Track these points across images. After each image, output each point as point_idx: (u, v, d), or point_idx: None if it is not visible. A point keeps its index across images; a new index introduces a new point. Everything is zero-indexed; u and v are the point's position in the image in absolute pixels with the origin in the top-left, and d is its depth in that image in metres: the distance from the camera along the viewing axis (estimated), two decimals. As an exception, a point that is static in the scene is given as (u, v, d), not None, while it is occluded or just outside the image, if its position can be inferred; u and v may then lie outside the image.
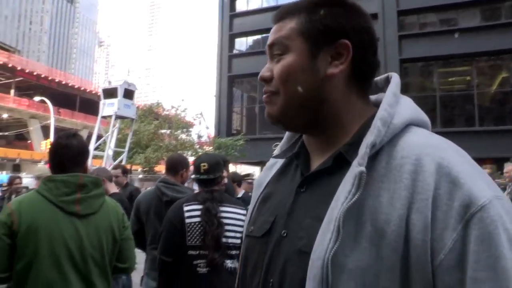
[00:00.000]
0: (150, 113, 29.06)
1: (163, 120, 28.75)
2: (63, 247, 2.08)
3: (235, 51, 29.09)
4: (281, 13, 0.97)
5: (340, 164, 0.87)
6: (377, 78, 1.00)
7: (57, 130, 31.01)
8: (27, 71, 44.40)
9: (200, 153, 27.35)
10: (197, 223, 2.73)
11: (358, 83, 0.94)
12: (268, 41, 0.97)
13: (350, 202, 0.77)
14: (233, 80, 28.49)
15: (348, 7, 0.93)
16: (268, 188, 1.07)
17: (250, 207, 1.09)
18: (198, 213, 2.76)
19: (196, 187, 4.26)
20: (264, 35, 28.28)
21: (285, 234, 0.89)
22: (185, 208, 2.79)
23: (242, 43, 29.50)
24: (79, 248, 2.12)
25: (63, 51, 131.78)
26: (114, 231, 2.30)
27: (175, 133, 28.94)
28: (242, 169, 36.10)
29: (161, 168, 33.21)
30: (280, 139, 1.15)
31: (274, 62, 0.95)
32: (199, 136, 33.27)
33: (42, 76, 46.07)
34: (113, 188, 4.46)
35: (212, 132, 32.53)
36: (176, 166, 3.78)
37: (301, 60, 0.91)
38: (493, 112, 22.15)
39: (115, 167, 4.92)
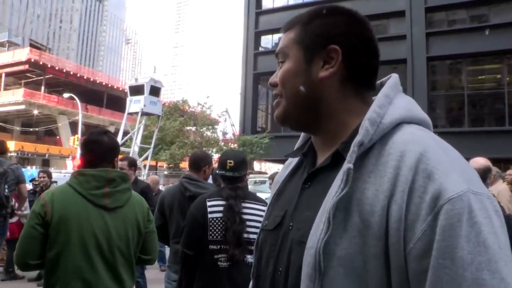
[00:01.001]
0: (176, 110, 29.34)
1: (189, 117, 28.98)
2: (92, 237, 2.20)
3: (260, 49, 29.11)
4: (286, 25, 1.09)
5: (339, 161, 0.93)
6: (384, 79, 1.06)
7: (85, 126, 31.61)
8: (57, 68, 45.29)
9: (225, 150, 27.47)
10: (219, 219, 2.78)
11: (355, 84, 1.01)
12: (276, 51, 1.09)
13: (339, 196, 0.84)
14: (259, 78, 28.53)
15: (340, 15, 1.02)
16: (282, 185, 1.16)
17: (268, 202, 1.19)
18: (220, 208, 2.80)
19: (211, 181, 4.32)
20: (289, 32, 28.18)
21: (291, 227, 0.98)
22: (208, 204, 2.83)
23: (268, 41, 29.51)
24: (107, 239, 2.24)
25: (91, 49, 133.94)
26: (140, 224, 2.42)
27: (201, 130, 29.14)
28: (266, 166, 36.07)
29: (186, 165, 33.48)
30: None
31: (279, 69, 1.06)
32: (224, 133, 33.44)
33: (71, 73, 46.92)
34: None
35: (237, 129, 32.63)
36: (199, 162, 3.85)
37: (297, 66, 1.01)
38: (524, 111, 21.59)
39: (121, 159, 4.66)
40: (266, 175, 23.35)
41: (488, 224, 0.75)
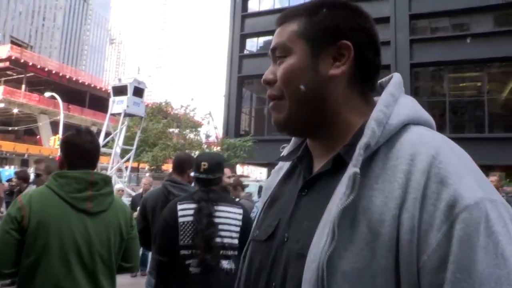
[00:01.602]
0: (159, 112, 29.19)
1: (172, 119, 28.84)
2: (72, 243, 2.07)
3: (245, 52, 29.11)
4: (283, 16, 0.99)
5: (340, 166, 0.86)
6: (383, 79, 1.00)
7: (66, 126, 31.21)
8: (38, 66, 44.71)
9: (207, 153, 27.41)
10: (189, 222, 2.71)
11: (360, 84, 0.94)
12: (271, 45, 0.98)
13: (344, 204, 0.76)
14: (243, 81, 28.51)
15: (347, 8, 0.94)
16: (274, 192, 1.07)
17: (258, 210, 1.10)
18: (191, 212, 2.74)
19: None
20: (274, 36, 28.26)
21: (286, 238, 0.90)
22: (179, 207, 2.76)
23: (253, 44, 29.53)
24: (88, 245, 2.12)
25: (74, 48, 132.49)
26: (122, 229, 2.30)
27: (184, 132, 29.02)
28: (249, 170, 36.10)
29: (168, 167, 33.28)
30: (289, 141, 1.16)
31: (276, 65, 0.96)
32: (207, 136, 33.36)
33: (53, 72, 46.36)
34: None
35: (220, 132, 32.56)
36: (183, 165, 3.77)
37: (303, 61, 0.92)
38: (503, 119, 21.97)
39: (36, 161, 3.85)
40: (249, 178, 23.39)
41: (506, 234, 0.70)
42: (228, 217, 2.79)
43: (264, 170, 28.90)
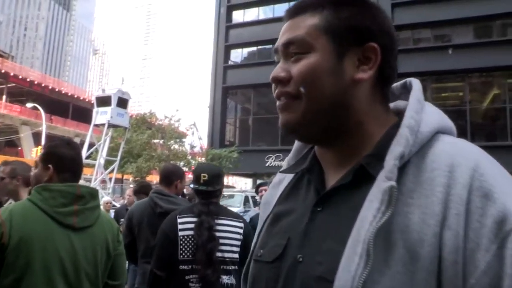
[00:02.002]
0: (143, 123, 29.00)
1: (156, 130, 28.67)
2: (57, 262, 1.93)
3: (230, 62, 29.17)
4: (299, 7, 0.87)
5: (361, 178, 0.78)
6: (396, 84, 0.94)
7: (49, 137, 30.83)
8: (20, 77, 44.13)
9: (192, 164, 27.33)
10: (190, 236, 2.62)
11: (381, 90, 0.87)
12: (282, 39, 0.86)
13: (380, 221, 0.68)
14: (227, 91, 28.56)
15: (373, 7, 0.87)
16: (278, 207, 0.96)
17: (258, 228, 1.00)
18: (191, 225, 2.65)
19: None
20: (259, 46, 28.44)
21: (300, 259, 0.80)
22: (179, 220, 2.67)
23: (238, 55, 29.63)
24: (73, 263, 1.99)
25: (57, 58, 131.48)
26: (109, 245, 2.18)
27: (168, 143, 28.86)
28: (234, 180, 36.00)
29: (152, 178, 33.03)
30: (274, 151, 1.10)
31: (290, 62, 0.85)
32: (192, 147, 33.23)
33: (35, 82, 45.81)
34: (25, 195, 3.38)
35: (205, 143, 32.48)
36: (170, 176, 3.65)
37: (327, 61, 0.82)
38: (485, 128, 22.35)
39: (3, 163, 3.06)
40: (234, 189, 23.35)
41: None
42: (229, 230, 2.71)
43: (249, 181, 28.86)
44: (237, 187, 32.53)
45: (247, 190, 20.56)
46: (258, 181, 25.68)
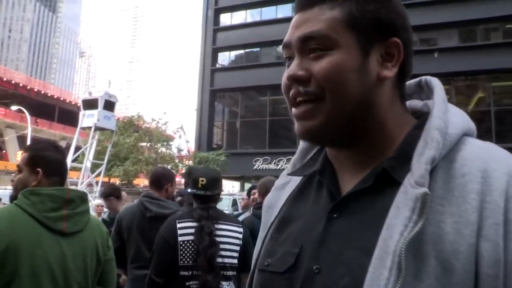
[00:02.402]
0: (131, 126, 28.85)
1: (143, 133, 28.53)
2: (46, 269, 1.85)
3: (218, 65, 29.16)
4: None
5: (383, 183, 0.72)
6: (410, 82, 0.89)
7: (34, 140, 30.53)
8: (4, 79, 43.69)
9: (180, 167, 27.24)
10: (190, 242, 2.56)
11: (399, 89, 0.81)
12: (298, 33, 0.78)
13: (412, 231, 0.62)
14: (215, 94, 28.52)
15: (396, 2, 0.80)
16: (284, 211, 0.88)
17: (261, 234, 0.92)
18: (191, 231, 2.59)
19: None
20: (247, 49, 28.47)
21: (317, 270, 0.73)
22: (179, 225, 2.61)
23: (225, 57, 29.62)
24: (63, 270, 1.91)
25: (43, 61, 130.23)
26: (99, 251, 2.11)
27: (155, 146, 28.74)
28: (222, 183, 36.02)
29: (139, 181, 32.85)
30: (262, 154, 1.05)
31: (308, 59, 0.76)
32: (179, 150, 33.14)
33: (20, 85, 45.39)
34: None
35: (192, 146, 32.41)
36: (160, 180, 3.59)
37: (353, 59, 0.75)
38: (470, 132, 22.59)
39: None
40: (222, 192, 23.26)
41: None
42: (229, 235, 2.68)
43: (236, 184, 28.85)
44: (225, 190, 32.49)
45: (235, 193, 20.54)
46: (246, 184, 25.68)
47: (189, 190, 2.83)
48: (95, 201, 8.70)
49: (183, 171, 27.34)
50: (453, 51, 22.17)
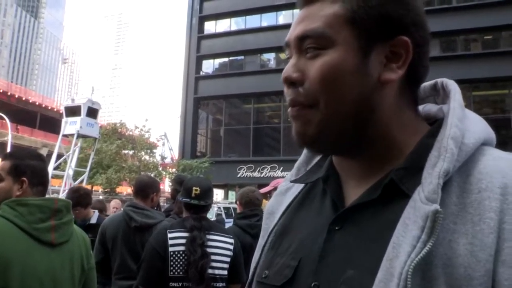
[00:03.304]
0: (114, 133, 28.62)
1: (127, 140, 28.33)
2: (36, 282, 1.79)
3: (202, 73, 29.16)
4: None
5: (390, 195, 0.66)
6: (425, 84, 0.81)
7: (15, 147, 30.08)
8: (-15, 86, 43.05)
9: (163, 175, 27.09)
10: (181, 252, 2.51)
11: (410, 92, 0.74)
12: (296, 31, 0.72)
13: (421, 253, 0.56)
14: (199, 102, 28.49)
15: None
16: (285, 219, 0.83)
17: (261, 241, 0.86)
18: (183, 241, 2.54)
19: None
20: (231, 57, 28.55)
21: (315, 287, 0.68)
22: (169, 235, 2.56)
23: (209, 65, 29.64)
24: (53, 282, 1.86)
25: (24, 67, 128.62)
26: (83, 260, 2.08)
27: (139, 154, 28.55)
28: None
29: (122, 189, 32.55)
30: (246, 162, 0.97)
31: (305, 59, 0.71)
32: (163, 158, 32.95)
33: (1, 91, 44.71)
34: None
35: (176, 153, 32.26)
36: (146, 189, 3.53)
37: (351, 59, 0.68)
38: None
39: None
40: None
41: None
42: (221, 247, 2.65)
43: (220, 192, 28.76)
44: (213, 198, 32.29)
45: (219, 201, 20.49)
46: (230, 192, 25.62)
47: (181, 199, 2.77)
48: (112, 202, 8.47)
49: (167, 178, 27.23)
50: (435, 60, 22.53)
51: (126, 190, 34.23)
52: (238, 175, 25.00)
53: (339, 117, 0.69)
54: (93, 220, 4.26)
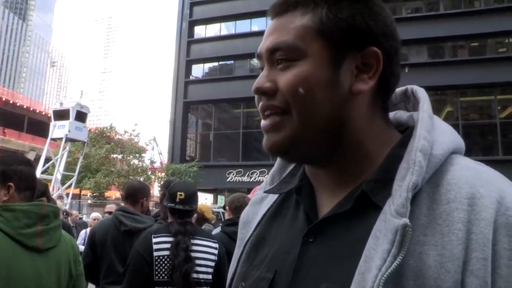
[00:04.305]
0: (102, 137, 28.48)
1: (115, 145, 28.19)
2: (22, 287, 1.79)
3: (191, 77, 29.13)
4: (286, 3, 0.73)
5: (362, 206, 0.67)
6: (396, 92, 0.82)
7: (2, 151, 29.81)
8: (-28, 89, 42.58)
9: (152, 179, 26.97)
10: (165, 257, 2.53)
11: (381, 102, 0.74)
12: (267, 43, 0.73)
13: (391, 267, 0.57)
14: (189, 106, 28.44)
15: (376, 4, 0.73)
16: (260, 230, 0.83)
17: (237, 251, 0.86)
18: (167, 246, 2.56)
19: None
20: (221, 62, 28.57)
21: None
22: (154, 240, 2.58)
23: (199, 70, 29.63)
24: (39, 287, 1.86)
25: (12, 70, 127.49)
26: (71, 266, 2.07)
27: (127, 158, 28.41)
28: (195, 195, 35.77)
29: (111, 194, 32.34)
30: (235, 166, 0.94)
31: (277, 70, 0.72)
32: (152, 162, 32.83)
33: (-12, 94, 44.30)
34: None
35: (165, 158, 32.17)
36: (136, 194, 3.54)
37: (322, 70, 0.68)
38: (439, 145, 23.14)
39: None
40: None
41: None
42: (205, 251, 2.67)
43: (209, 196, 28.71)
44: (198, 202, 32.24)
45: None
46: (220, 197, 25.55)
47: (166, 204, 2.79)
48: (92, 214, 8.34)
49: (156, 183, 27.12)
50: (423, 66, 22.77)
51: (114, 194, 34.04)
52: (228, 180, 24.96)
53: (311, 126, 0.69)
54: None
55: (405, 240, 0.57)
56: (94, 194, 27.61)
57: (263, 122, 0.74)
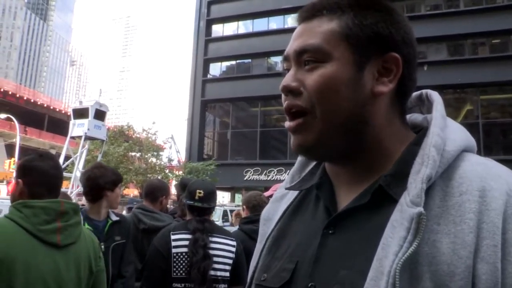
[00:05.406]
0: (121, 135, 28.73)
1: (134, 143, 28.41)
2: (40, 282, 1.81)
3: (209, 76, 29.23)
4: (314, 9, 0.79)
5: (379, 200, 0.72)
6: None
7: (23, 149, 30.31)
8: (-6, 87, 43.37)
9: (170, 177, 27.13)
10: (183, 254, 2.56)
11: (400, 104, 0.80)
12: (295, 45, 0.78)
13: (407, 252, 0.61)
14: (206, 105, 28.56)
15: (397, 14, 0.79)
16: (282, 225, 0.88)
17: (258, 246, 0.90)
18: (185, 243, 2.58)
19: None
20: (238, 60, 28.60)
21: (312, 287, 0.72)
22: (173, 237, 2.61)
23: (216, 68, 29.71)
24: (57, 283, 1.87)
25: (33, 69, 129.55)
26: (91, 262, 2.08)
27: (146, 156, 28.63)
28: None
29: (129, 191, 32.63)
30: (252, 165, 0.99)
31: (303, 71, 0.77)
32: (170, 160, 33.02)
33: (10, 93, 44.98)
34: None
35: (182, 156, 32.32)
36: (155, 192, 3.58)
37: (346, 72, 0.74)
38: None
39: None
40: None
41: None
42: (223, 249, 2.69)
43: (226, 194, 28.82)
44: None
45: (226, 204, 20.50)
46: (237, 195, 25.57)
47: (185, 201, 2.82)
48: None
49: (173, 181, 27.28)
50: (442, 64, 22.47)
51: (132, 192, 34.36)
52: (245, 178, 25.01)
53: (334, 126, 0.75)
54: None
55: (420, 227, 0.62)
56: (113, 192, 27.85)
57: (288, 123, 0.78)
